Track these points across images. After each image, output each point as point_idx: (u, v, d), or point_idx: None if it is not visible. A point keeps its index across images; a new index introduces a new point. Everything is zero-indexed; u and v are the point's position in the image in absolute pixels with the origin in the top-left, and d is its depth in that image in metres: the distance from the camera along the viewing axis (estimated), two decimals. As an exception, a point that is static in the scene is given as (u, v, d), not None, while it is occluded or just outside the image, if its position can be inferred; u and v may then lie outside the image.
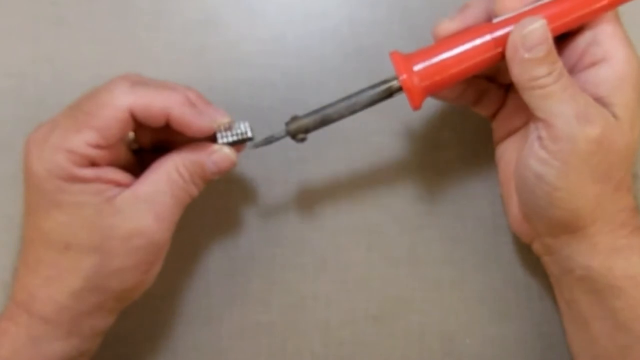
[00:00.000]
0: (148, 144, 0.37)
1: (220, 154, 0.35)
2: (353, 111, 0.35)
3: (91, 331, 0.34)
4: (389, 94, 0.35)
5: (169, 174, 0.33)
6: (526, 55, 0.32)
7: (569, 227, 0.34)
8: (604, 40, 0.33)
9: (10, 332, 0.32)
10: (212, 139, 0.35)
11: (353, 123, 0.41)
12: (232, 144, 0.35)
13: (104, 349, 0.36)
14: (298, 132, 0.35)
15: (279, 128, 0.36)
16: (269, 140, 0.36)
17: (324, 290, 0.41)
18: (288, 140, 0.41)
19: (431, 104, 0.42)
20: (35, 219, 0.33)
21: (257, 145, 0.36)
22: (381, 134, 0.42)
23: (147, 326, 0.40)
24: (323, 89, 0.42)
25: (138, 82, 0.33)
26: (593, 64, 0.33)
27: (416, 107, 0.35)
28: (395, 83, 0.34)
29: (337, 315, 0.41)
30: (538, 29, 0.32)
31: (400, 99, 0.41)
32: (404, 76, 0.34)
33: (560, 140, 0.32)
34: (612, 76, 0.33)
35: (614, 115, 0.32)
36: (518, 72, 0.32)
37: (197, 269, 0.41)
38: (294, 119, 0.35)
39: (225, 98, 0.38)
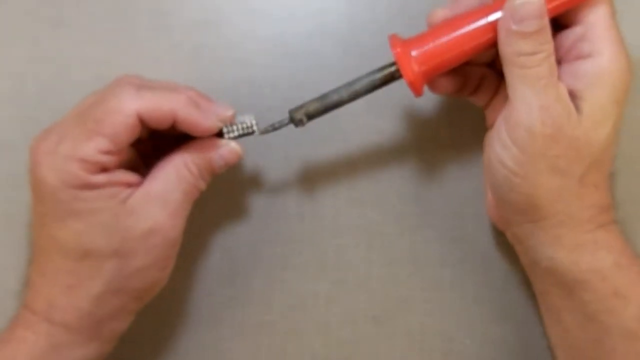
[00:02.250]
0: (145, 135, 0.37)
1: (228, 148, 0.35)
2: (354, 97, 0.35)
3: (111, 334, 0.34)
4: (390, 78, 0.35)
5: (178, 171, 0.34)
6: (513, 27, 0.31)
7: (529, 215, 0.34)
8: (594, 38, 0.32)
9: (29, 340, 0.32)
10: (218, 133, 0.35)
11: (353, 123, 0.41)
12: (238, 138, 0.36)
13: (104, 349, 0.36)
14: (300, 117, 0.35)
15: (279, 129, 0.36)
16: (274, 127, 0.36)
17: (324, 290, 0.41)
18: (288, 138, 0.41)
19: (430, 104, 0.42)
20: (48, 229, 0.33)
21: (262, 133, 0.36)
22: (381, 134, 0.42)
23: (148, 326, 0.40)
24: (323, 89, 0.42)
25: (142, 85, 0.34)
26: (578, 58, 0.33)
27: (417, 93, 0.35)
28: (394, 68, 0.35)
29: (337, 315, 0.41)
30: (532, 3, 0.31)
31: (402, 96, 0.42)
32: (402, 61, 0.34)
33: (519, 127, 0.32)
34: (592, 73, 0.32)
35: (581, 111, 0.32)
36: (502, 42, 0.32)
37: (197, 269, 0.41)
38: (298, 106, 0.36)
39: (225, 98, 0.37)
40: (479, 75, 0.37)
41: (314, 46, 0.42)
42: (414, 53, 0.34)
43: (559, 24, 0.34)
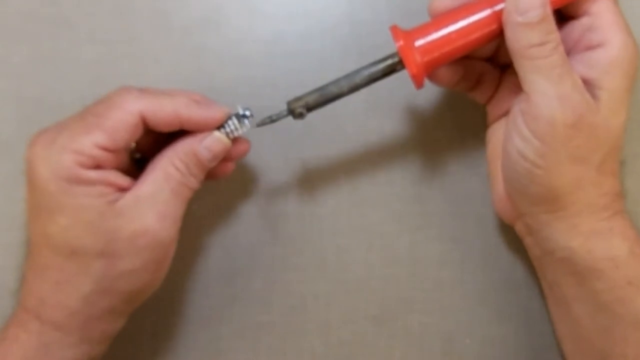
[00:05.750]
0: (150, 153, 0.37)
1: (211, 138, 0.35)
2: (354, 89, 0.35)
3: (101, 336, 0.34)
4: (391, 70, 0.34)
5: (165, 170, 0.34)
6: (519, 19, 0.31)
7: (548, 206, 0.34)
8: (603, 27, 0.33)
9: (20, 339, 0.32)
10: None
11: (353, 123, 0.41)
12: (235, 131, 0.35)
13: (104, 349, 0.36)
14: (300, 110, 0.35)
15: (279, 129, 0.36)
16: (271, 119, 0.36)
17: (324, 290, 0.41)
18: (288, 139, 0.41)
19: (430, 105, 0.42)
20: (39, 223, 0.33)
21: (259, 125, 0.36)
22: (380, 134, 0.42)
23: (147, 326, 0.40)
24: (323, 89, 0.42)
25: (145, 89, 0.34)
26: (589, 48, 0.33)
27: (419, 85, 0.34)
28: (396, 59, 0.34)
29: (337, 315, 0.41)
30: None
31: (402, 96, 0.42)
32: (405, 52, 0.33)
33: (539, 119, 0.32)
34: (606, 61, 0.32)
35: (599, 99, 0.32)
36: (511, 37, 0.32)
37: (197, 269, 0.41)
38: (296, 98, 0.35)
39: (225, 98, 0.38)
40: (479, 69, 0.37)
41: (314, 46, 0.42)
42: (417, 44, 0.33)
43: (564, 15, 0.34)
